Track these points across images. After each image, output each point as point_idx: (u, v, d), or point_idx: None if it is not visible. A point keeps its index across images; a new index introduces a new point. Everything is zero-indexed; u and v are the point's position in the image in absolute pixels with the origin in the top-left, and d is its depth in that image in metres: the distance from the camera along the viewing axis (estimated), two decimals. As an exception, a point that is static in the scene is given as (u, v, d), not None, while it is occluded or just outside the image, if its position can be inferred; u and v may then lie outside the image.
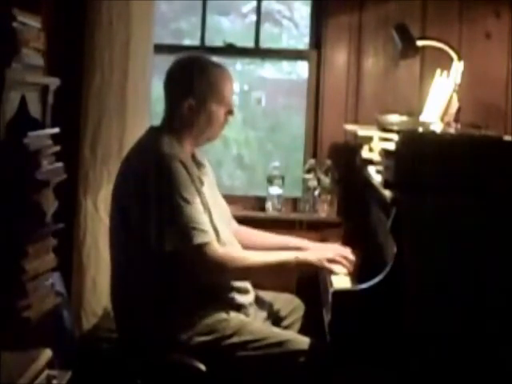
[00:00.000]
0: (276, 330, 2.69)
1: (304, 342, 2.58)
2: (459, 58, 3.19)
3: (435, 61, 3.39)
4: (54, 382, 2.19)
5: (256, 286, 2.78)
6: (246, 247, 2.80)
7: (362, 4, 3.67)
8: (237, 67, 4.37)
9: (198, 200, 2.57)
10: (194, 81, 2.67)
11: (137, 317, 2.58)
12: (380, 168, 2.75)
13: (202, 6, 3.84)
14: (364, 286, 2.39)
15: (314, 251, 2.78)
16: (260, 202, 3.71)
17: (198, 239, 2.50)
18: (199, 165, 2.77)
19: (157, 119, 2.85)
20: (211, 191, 2.80)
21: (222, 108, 2.71)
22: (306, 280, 3.20)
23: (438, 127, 2.88)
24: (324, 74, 3.71)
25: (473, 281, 2.40)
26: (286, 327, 2.83)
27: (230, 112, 2.74)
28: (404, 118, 2.99)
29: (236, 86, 2.81)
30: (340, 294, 2.40)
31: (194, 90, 2.67)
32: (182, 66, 2.73)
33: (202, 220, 2.54)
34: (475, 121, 3.11)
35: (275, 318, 2.86)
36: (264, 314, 2.81)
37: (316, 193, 3.62)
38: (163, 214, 2.50)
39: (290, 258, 2.64)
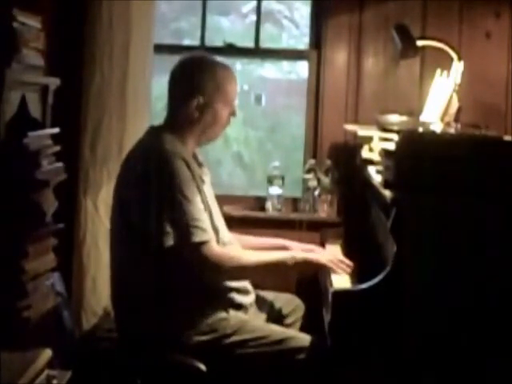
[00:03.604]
0: (276, 327, 2.69)
1: (304, 339, 2.58)
2: (459, 58, 3.19)
3: (435, 61, 3.39)
4: (54, 381, 2.19)
5: (256, 286, 2.79)
6: None
7: (362, 4, 3.67)
8: (237, 67, 4.37)
9: (198, 198, 2.57)
10: (203, 80, 2.67)
11: (137, 316, 2.58)
12: (380, 168, 2.75)
13: (201, 6, 3.85)
14: (364, 286, 2.39)
15: (313, 252, 2.79)
16: (260, 202, 3.71)
17: (197, 237, 2.50)
18: (200, 164, 2.77)
19: (157, 119, 2.85)
20: (211, 191, 2.80)
21: (227, 108, 2.72)
22: (306, 280, 3.20)
23: (437, 127, 2.88)
24: (324, 73, 3.71)
25: (473, 281, 2.40)
26: (288, 326, 2.83)
27: (232, 113, 2.75)
28: (404, 118, 2.99)
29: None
30: (340, 294, 2.40)
31: (203, 89, 2.67)
32: (190, 64, 2.73)
33: (202, 218, 2.54)
34: (475, 121, 3.11)
35: (276, 317, 2.85)
36: (264, 315, 2.81)
37: (316, 193, 3.62)
38: (163, 211, 2.50)
39: (288, 257, 2.64)
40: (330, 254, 2.80)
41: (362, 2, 3.68)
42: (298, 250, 2.82)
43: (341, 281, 2.61)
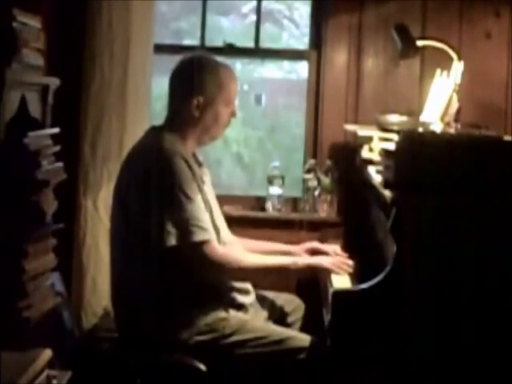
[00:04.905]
0: (276, 327, 2.69)
1: (304, 339, 2.58)
2: (459, 58, 3.19)
3: (435, 61, 3.39)
4: (54, 381, 2.19)
5: (256, 285, 2.79)
6: None
7: (362, 4, 3.67)
8: (237, 67, 4.37)
9: (199, 197, 2.57)
10: (204, 79, 2.68)
11: (137, 316, 2.58)
12: (380, 168, 2.76)
13: (202, 6, 3.84)
14: (364, 285, 2.39)
15: (314, 256, 2.81)
16: (260, 202, 3.71)
17: (198, 236, 2.50)
18: (199, 164, 2.78)
19: (157, 119, 2.85)
20: (211, 191, 2.80)
21: (228, 108, 2.73)
22: (306, 280, 3.20)
23: (437, 127, 2.88)
24: (324, 73, 3.71)
25: (473, 281, 2.40)
26: (291, 324, 2.83)
27: (233, 113, 2.76)
28: (404, 118, 2.99)
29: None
30: (340, 294, 2.40)
31: (204, 89, 2.67)
32: (190, 64, 2.73)
33: (203, 217, 2.54)
34: (475, 121, 3.11)
35: (279, 315, 2.86)
36: (265, 313, 2.81)
37: (316, 193, 3.62)
38: (164, 210, 2.50)
39: (290, 263, 2.66)
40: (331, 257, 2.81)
41: (362, 2, 3.68)
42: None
43: (341, 281, 2.61)
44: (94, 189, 3.24)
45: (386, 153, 2.61)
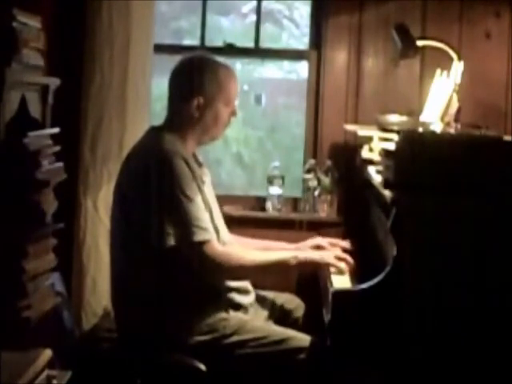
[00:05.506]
0: (276, 327, 2.69)
1: (305, 339, 2.58)
2: (459, 58, 3.19)
3: (435, 61, 3.39)
4: (54, 382, 2.19)
5: (256, 285, 2.79)
6: None
7: (362, 4, 3.67)
8: (237, 67, 4.37)
9: (199, 197, 2.57)
10: (204, 80, 2.68)
11: (137, 316, 2.58)
12: (380, 168, 2.76)
13: (202, 6, 3.84)
14: (364, 285, 2.39)
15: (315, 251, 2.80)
16: (260, 202, 3.71)
17: (198, 237, 2.50)
18: (199, 164, 2.78)
19: (157, 119, 2.85)
20: (211, 191, 2.80)
21: (228, 108, 2.73)
22: (306, 280, 3.20)
23: (437, 127, 2.88)
24: (324, 73, 3.71)
25: (473, 281, 2.40)
26: (291, 324, 2.83)
27: (233, 113, 2.76)
28: (404, 118, 2.99)
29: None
30: (340, 294, 2.40)
31: (204, 89, 2.68)
32: (191, 64, 2.74)
33: (203, 218, 2.55)
34: (475, 121, 3.11)
35: (279, 315, 2.86)
36: (265, 313, 2.81)
37: (316, 193, 3.62)
38: (164, 210, 2.50)
39: (290, 257, 2.65)
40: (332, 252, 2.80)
41: (362, 2, 3.67)
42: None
43: (341, 281, 2.61)
44: (94, 189, 3.25)
45: (386, 153, 2.61)
